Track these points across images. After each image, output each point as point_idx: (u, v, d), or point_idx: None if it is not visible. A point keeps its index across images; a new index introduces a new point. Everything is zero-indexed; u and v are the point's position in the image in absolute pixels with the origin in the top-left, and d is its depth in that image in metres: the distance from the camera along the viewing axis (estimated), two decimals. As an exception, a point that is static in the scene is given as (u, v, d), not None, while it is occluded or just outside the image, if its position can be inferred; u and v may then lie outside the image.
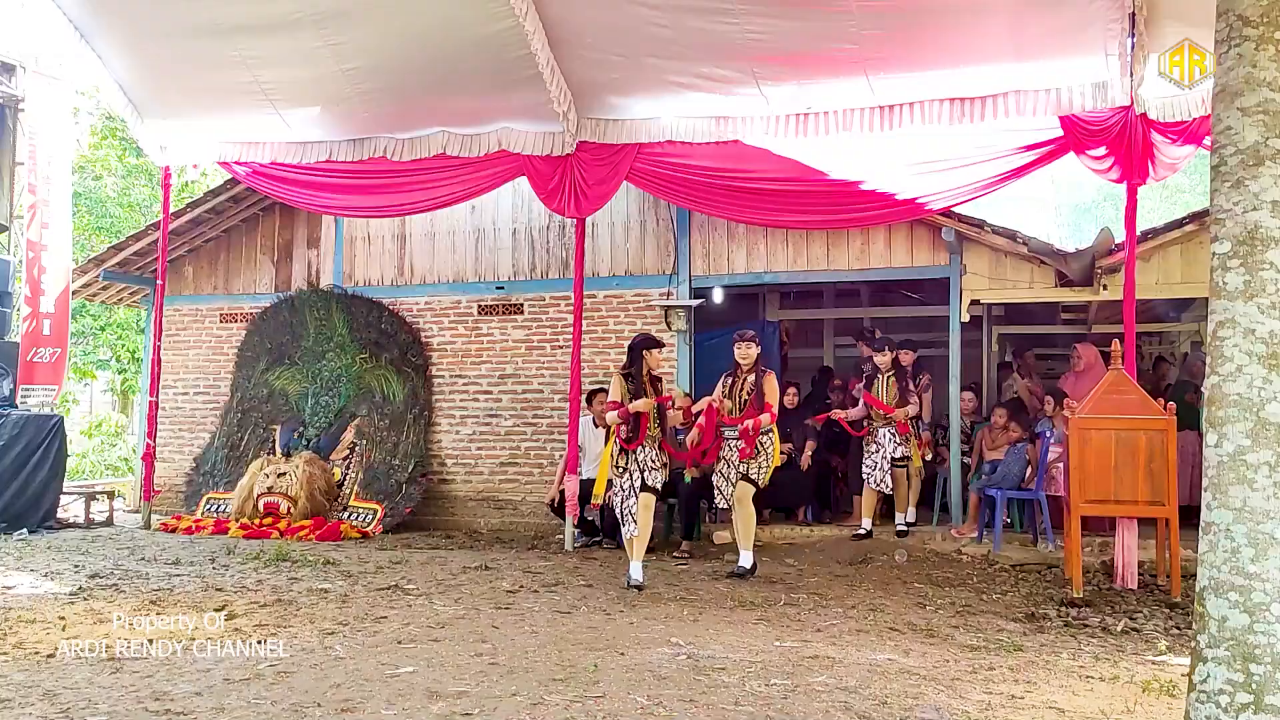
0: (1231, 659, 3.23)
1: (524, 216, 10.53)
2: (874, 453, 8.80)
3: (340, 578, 7.09)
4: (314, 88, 8.84)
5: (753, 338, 7.46)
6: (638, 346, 7.04)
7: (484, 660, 4.73)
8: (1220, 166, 3.50)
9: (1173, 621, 5.97)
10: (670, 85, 8.23)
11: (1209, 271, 3.52)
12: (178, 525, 9.74)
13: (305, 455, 10.00)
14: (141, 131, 9.85)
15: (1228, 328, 3.40)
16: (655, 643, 5.18)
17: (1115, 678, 4.72)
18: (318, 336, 10.81)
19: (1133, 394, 6.72)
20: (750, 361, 7.37)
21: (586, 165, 8.73)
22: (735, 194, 8.63)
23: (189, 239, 11.45)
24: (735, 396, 7.40)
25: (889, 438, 8.74)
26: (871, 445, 8.83)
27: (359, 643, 5.13)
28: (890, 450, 8.75)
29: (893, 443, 8.74)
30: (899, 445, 8.75)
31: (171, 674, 4.50)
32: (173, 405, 11.44)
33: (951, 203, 8.20)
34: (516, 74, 8.17)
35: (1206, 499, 3.42)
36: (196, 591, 6.52)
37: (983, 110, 7.76)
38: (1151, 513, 6.72)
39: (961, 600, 6.61)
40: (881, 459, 8.75)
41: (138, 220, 16.64)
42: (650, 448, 6.91)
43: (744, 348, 7.39)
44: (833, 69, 7.79)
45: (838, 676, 4.57)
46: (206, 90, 9.12)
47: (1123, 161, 7.49)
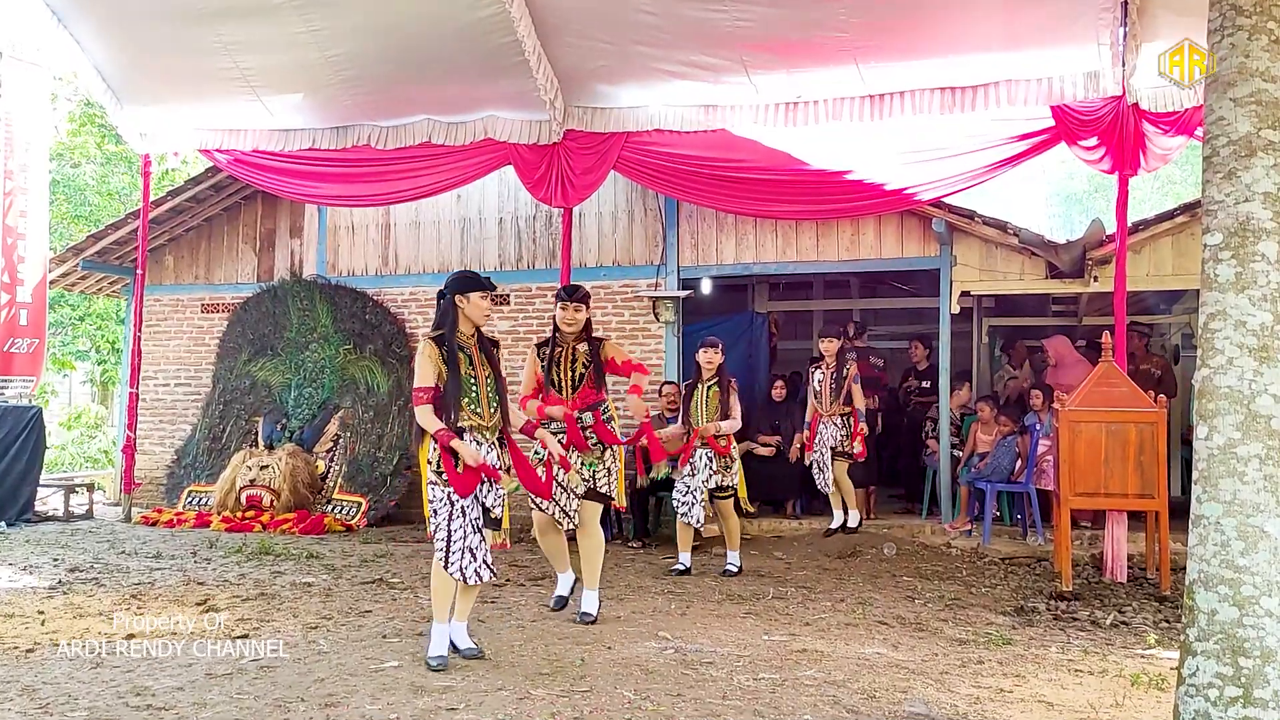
0: (1221, 653, 3.25)
1: (510, 206, 10.50)
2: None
3: (324, 571, 7.07)
4: (296, 74, 8.78)
5: (715, 344, 7.24)
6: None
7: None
8: (1212, 157, 3.52)
9: (1162, 615, 6.00)
10: (659, 73, 8.21)
11: (1200, 263, 3.54)
12: (159, 518, 9.70)
13: (288, 447, 9.95)
14: (121, 118, 9.78)
15: (1219, 320, 3.42)
16: (642, 637, 5.19)
17: (1104, 671, 4.75)
18: (301, 327, 10.76)
19: (1123, 386, 6.75)
20: (713, 368, 7.16)
21: (574, 154, 8.71)
22: (724, 184, 8.62)
23: (169, 228, 11.38)
24: (698, 404, 7.13)
25: (832, 430, 8.47)
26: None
27: (343, 637, 5.12)
28: (831, 444, 8.44)
29: (836, 435, 8.44)
30: (843, 438, 8.41)
31: (152, 669, 4.49)
32: (153, 397, 11.38)
33: (942, 193, 8.20)
34: (502, 61, 8.14)
35: (1196, 492, 3.44)
36: (178, 586, 6.50)
37: (974, 100, 7.77)
38: (1141, 505, 6.76)
39: (950, 593, 6.64)
40: (820, 458, 8.49)
41: (117, 209, 16.53)
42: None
43: (708, 354, 7.17)
44: (823, 57, 7.78)
45: (826, 670, 4.58)
46: (187, 76, 9.05)
47: (1114, 152, 7.51)
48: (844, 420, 8.44)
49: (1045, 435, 8.29)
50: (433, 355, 4.64)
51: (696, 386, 7.20)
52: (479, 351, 4.77)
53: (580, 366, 5.66)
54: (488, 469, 4.62)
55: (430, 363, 4.62)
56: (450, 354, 4.64)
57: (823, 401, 8.51)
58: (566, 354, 5.68)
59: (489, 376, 4.77)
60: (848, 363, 8.52)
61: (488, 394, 4.74)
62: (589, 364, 5.65)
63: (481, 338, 4.83)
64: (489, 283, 4.84)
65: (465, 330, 4.76)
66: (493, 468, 4.65)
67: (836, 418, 8.45)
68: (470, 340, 4.77)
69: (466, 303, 4.73)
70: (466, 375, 4.67)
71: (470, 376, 4.69)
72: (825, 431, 8.47)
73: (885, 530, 8.74)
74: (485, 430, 4.71)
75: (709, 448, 7.08)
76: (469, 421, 4.65)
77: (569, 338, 5.69)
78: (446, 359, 4.63)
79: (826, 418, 8.47)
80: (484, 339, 4.84)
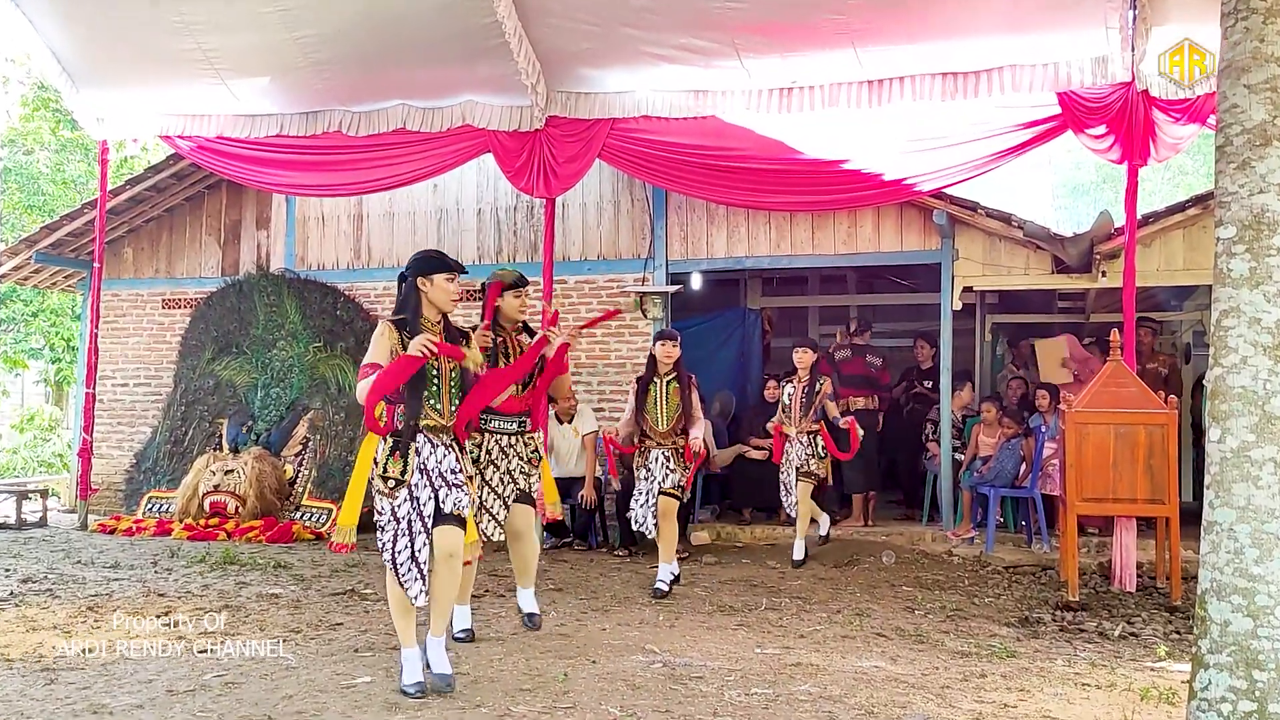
0: (1234, 665, 3.27)
1: (489, 196, 10.49)
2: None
3: (292, 582, 7.05)
4: (263, 56, 8.74)
5: (674, 335, 7.02)
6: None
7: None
8: (1226, 146, 3.53)
9: (1173, 626, 6.04)
10: (646, 57, 8.20)
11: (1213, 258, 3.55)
12: (117, 526, 9.65)
13: (254, 451, 9.92)
14: (77, 102, 9.71)
15: (1232, 316, 3.44)
16: (629, 650, 5.19)
17: (1112, 685, 4.77)
18: (268, 324, 10.72)
19: (1132, 386, 6.78)
20: (671, 362, 6.91)
21: (556, 142, 8.70)
22: (715, 173, 8.62)
23: (128, 219, 11.32)
24: (656, 401, 6.90)
25: (799, 449, 8.08)
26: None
27: (312, 651, 5.11)
28: (798, 462, 8.07)
29: (803, 454, 8.04)
30: (810, 458, 8.03)
31: (110, 685, 4.47)
32: (111, 397, 11.33)
33: (943, 183, 8.22)
34: (481, 43, 8.11)
35: (1209, 497, 3.46)
36: (137, 597, 6.47)
37: (976, 85, 7.78)
38: (1151, 511, 6.79)
39: (952, 604, 6.66)
40: (786, 478, 8.20)
41: (73, 198, 16.45)
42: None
43: (666, 347, 6.93)
44: (818, 40, 7.79)
45: (821, 685, 4.59)
46: (147, 58, 9.00)
47: (1123, 141, 7.54)
48: (811, 439, 8.01)
49: (1051, 438, 8.32)
50: (391, 336, 4.34)
51: (652, 382, 6.93)
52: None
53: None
54: (448, 348, 4.31)
55: (385, 341, 4.32)
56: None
57: (791, 417, 8.11)
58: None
59: (453, 371, 4.50)
60: (821, 378, 8.12)
61: (449, 390, 4.46)
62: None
63: (449, 326, 4.56)
64: (456, 264, 4.55)
65: (430, 317, 4.48)
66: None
67: (804, 435, 8.03)
68: (435, 328, 4.47)
69: (430, 285, 4.46)
70: (428, 367, 4.36)
71: (432, 369, 4.39)
72: (792, 450, 8.08)
73: (884, 538, 8.76)
74: (442, 432, 4.46)
75: (666, 448, 6.85)
76: (426, 421, 4.40)
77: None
78: (406, 346, 4.29)
79: (795, 435, 8.08)
80: (451, 328, 4.57)
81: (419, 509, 4.35)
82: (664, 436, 6.86)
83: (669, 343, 6.96)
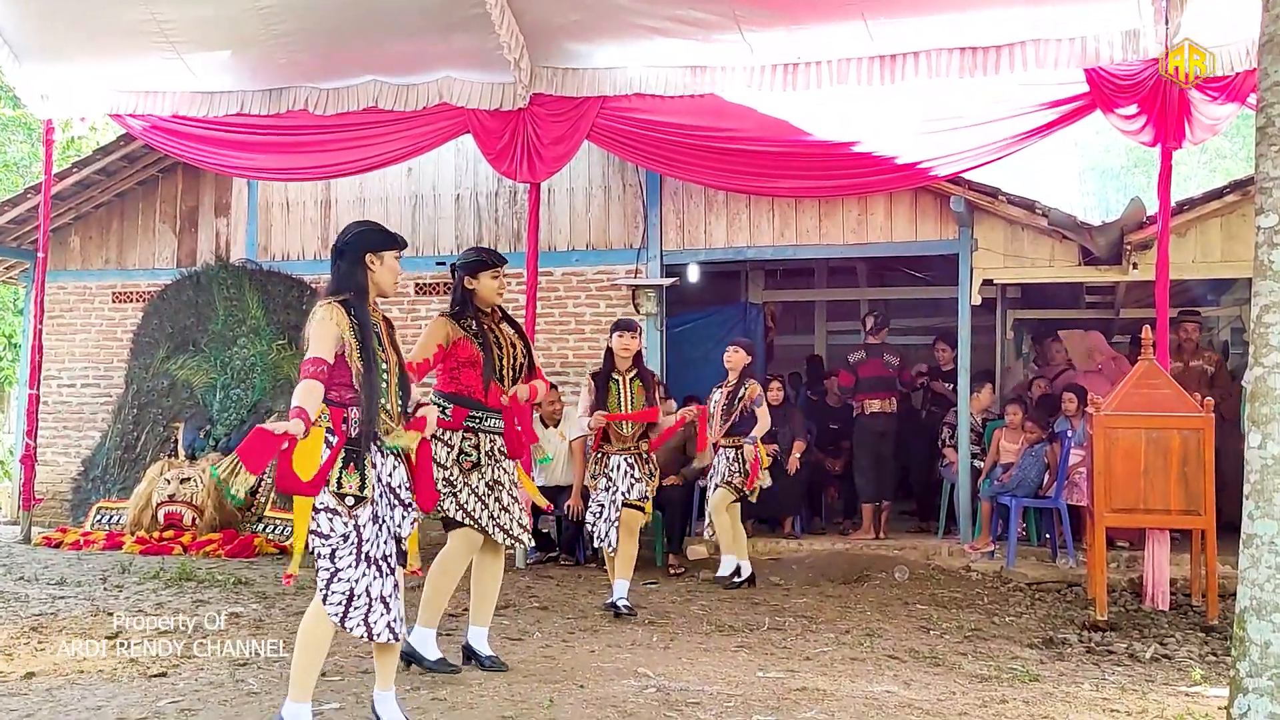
0: (1275, 690, 3.28)
1: (469, 181, 10.48)
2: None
3: (254, 600, 7.04)
4: (222, 28, 8.72)
5: (634, 326, 6.90)
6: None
7: (423, 695, 4.71)
8: (1267, 128, 3.54)
9: (1209, 647, 6.05)
10: (639, 29, 8.20)
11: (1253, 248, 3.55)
12: (63, 539, 9.62)
13: (213, 457, 9.90)
14: (19, 77, 9.68)
15: (1274, 312, 3.44)
16: (620, 673, 5.19)
17: (1144, 711, 4.78)
18: (227, 319, 10.70)
19: (1165, 388, 6.78)
20: (629, 356, 6.82)
21: (542, 121, 8.69)
22: (714, 156, 8.62)
23: (76, 204, 11.30)
24: (618, 399, 6.78)
25: (723, 464, 7.85)
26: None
27: (276, 676, 5.10)
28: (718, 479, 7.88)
29: (726, 469, 7.82)
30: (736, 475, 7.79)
31: (56, 712, 4.45)
32: (57, 399, 11.30)
33: (961, 167, 8.23)
34: (459, 13, 8.10)
35: (1248, 508, 3.46)
36: (85, 616, 6.45)
37: (997, 61, 7.79)
38: (1185, 523, 6.80)
39: (970, 623, 6.67)
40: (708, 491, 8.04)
41: (15, 182, 16.42)
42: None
43: (624, 339, 6.79)
44: (826, 12, 7.79)
45: (829, 711, 4.59)
46: (97, 29, 8.97)
47: (1156, 122, 7.55)
48: (738, 453, 7.75)
49: (1078, 444, 8.33)
50: (340, 321, 3.95)
51: (611, 378, 6.82)
52: (388, 332, 4.16)
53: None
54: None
55: (334, 329, 3.94)
56: (363, 328, 3.96)
57: (713, 426, 7.85)
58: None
59: (397, 364, 4.19)
60: (746, 381, 7.86)
61: (395, 388, 4.14)
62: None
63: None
64: (398, 238, 4.23)
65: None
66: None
67: (730, 449, 7.79)
68: (378, 314, 4.20)
69: (379, 264, 4.13)
70: (378, 361, 4.03)
71: (381, 363, 4.07)
72: (718, 463, 7.90)
73: (896, 552, 8.77)
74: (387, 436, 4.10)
75: (629, 454, 6.79)
76: (382, 426, 4.05)
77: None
78: (358, 332, 3.96)
79: (722, 446, 7.85)
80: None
81: (390, 531, 4.03)
82: (627, 441, 6.80)
83: (626, 334, 6.81)
